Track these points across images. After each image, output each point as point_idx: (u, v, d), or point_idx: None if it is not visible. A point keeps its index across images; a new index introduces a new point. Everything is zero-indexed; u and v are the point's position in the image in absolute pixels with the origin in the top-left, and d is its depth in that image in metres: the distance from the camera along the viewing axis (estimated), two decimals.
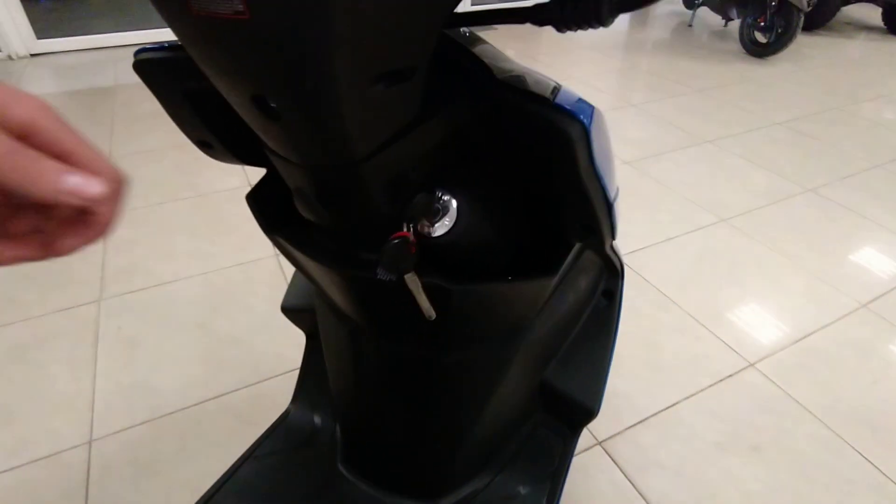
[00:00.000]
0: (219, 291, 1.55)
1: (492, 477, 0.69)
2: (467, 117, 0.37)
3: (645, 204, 1.99)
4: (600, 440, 1.16)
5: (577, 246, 0.58)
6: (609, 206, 0.40)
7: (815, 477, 1.10)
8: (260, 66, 0.28)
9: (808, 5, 3.93)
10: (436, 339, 0.55)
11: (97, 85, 2.96)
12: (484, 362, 0.58)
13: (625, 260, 1.70)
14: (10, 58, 3.32)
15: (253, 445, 0.74)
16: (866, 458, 1.14)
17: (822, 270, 1.66)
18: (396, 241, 0.38)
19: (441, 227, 0.41)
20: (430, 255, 0.43)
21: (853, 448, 1.16)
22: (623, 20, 4.70)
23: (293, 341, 1.37)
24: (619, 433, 1.18)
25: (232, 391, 1.25)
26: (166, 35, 3.12)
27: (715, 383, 1.30)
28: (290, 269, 1.61)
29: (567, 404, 0.67)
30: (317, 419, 0.77)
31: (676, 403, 1.25)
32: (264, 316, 1.46)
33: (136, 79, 2.97)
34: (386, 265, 0.39)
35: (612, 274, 0.68)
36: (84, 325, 1.42)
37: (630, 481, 1.09)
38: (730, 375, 1.32)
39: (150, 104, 2.72)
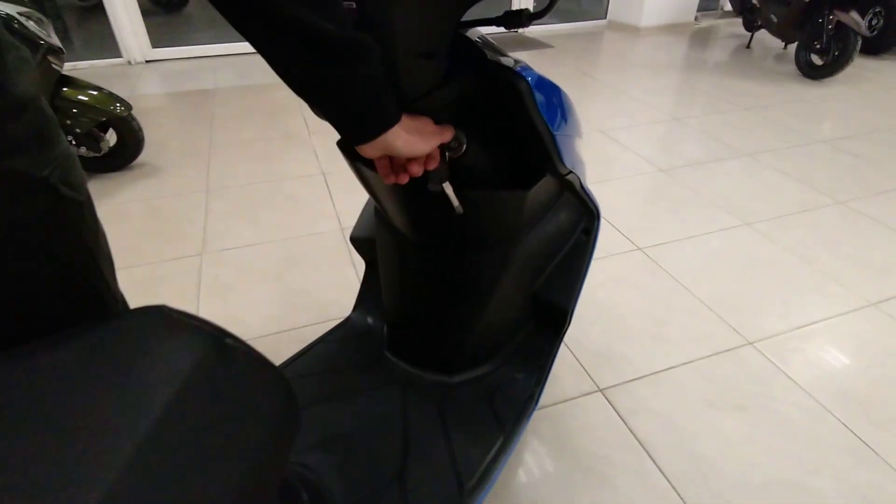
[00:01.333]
0: (294, 254, 1.86)
1: (496, 366, 0.93)
2: (471, 83, 0.63)
3: (673, 206, 2.16)
4: (601, 388, 1.36)
5: (556, 187, 0.81)
6: (552, 136, 0.64)
7: (793, 436, 1.25)
8: None
9: (872, 30, 3.93)
10: (454, 241, 0.80)
11: (200, 87, 3.44)
12: (489, 264, 0.82)
13: (647, 252, 1.88)
14: (129, 63, 3.89)
15: (325, 333, 1.02)
16: (846, 426, 1.28)
17: (836, 272, 1.78)
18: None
19: (458, 153, 0.66)
20: (453, 173, 0.68)
21: (835, 416, 1.30)
22: (683, 43, 4.82)
23: (352, 294, 1.65)
24: (618, 384, 1.37)
25: (302, 327, 1.54)
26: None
27: (713, 355, 1.46)
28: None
29: (550, 308, 0.89)
30: (370, 321, 1.04)
31: (674, 367, 1.43)
32: (329, 275, 1.75)
33: (231, 82, 3.47)
34: (433, 178, 0.65)
35: (589, 216, 0.90)
36: (189, 272, 1.77)
37: (623, 420, 1.28)
38: (728, 350, 1.48)
39: (242, 104, 3.15)
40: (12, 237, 0.55)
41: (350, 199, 2.17)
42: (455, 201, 0.67)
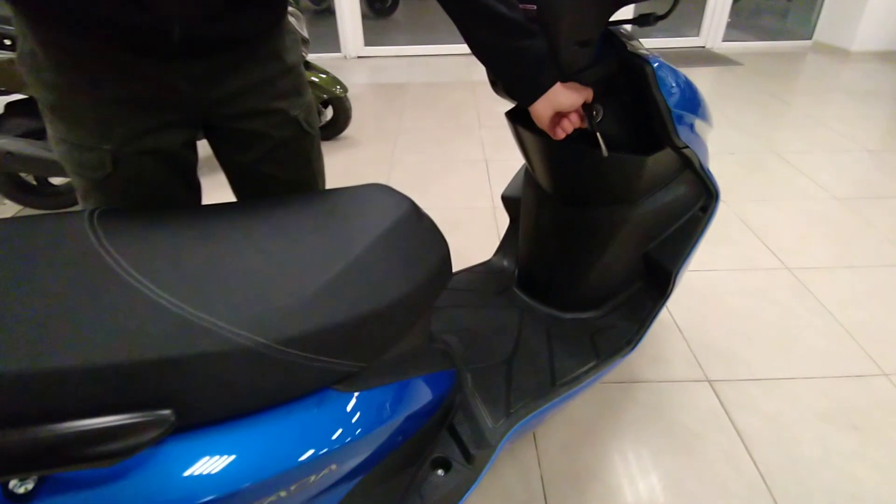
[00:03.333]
0: (452, 221, 2.19)
1: (604, 312, 1.11)
2: (614, 65, 0.84)
3: (839, 235, 2.05)
4: (710, 379, 1.44)
5: (677, 163, 0.97)
6: (669, 111, 0.82)
7: None
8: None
9: None
10: (584, 195, 1.01)
11: (396, 81, 4.01)
12: (608, 220, 1.01)
13: (795, 273, 1.85)
14: (345, 57, 4.65)
15: (469, 266, 1.29)
16: None
17: None
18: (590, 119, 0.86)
19: (598, 116, 0.87)
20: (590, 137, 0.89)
21: None
22: None
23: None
24: (728, 380, 1.44)
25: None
26: (449, 49, 4.20)
27: (839, 377, 1.44)
28: (499, 214, 2.18)
29: (659, 269, 1.05)
30: (505, 263, 1.29)
31: (794, 378, 1.44)
32: (478, 241, 2.05)
33: (421, 79, 4.07)
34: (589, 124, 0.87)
35: (709, 195, 1.03)
36: None
37: (725, 410, 1.35)
38: (858, 376, 1.44)
39: (428, 98, 3.62)
40: (277, 151, 0.89)
41: (504, 183, 2.44)
42: (602, 144, 0.87)
